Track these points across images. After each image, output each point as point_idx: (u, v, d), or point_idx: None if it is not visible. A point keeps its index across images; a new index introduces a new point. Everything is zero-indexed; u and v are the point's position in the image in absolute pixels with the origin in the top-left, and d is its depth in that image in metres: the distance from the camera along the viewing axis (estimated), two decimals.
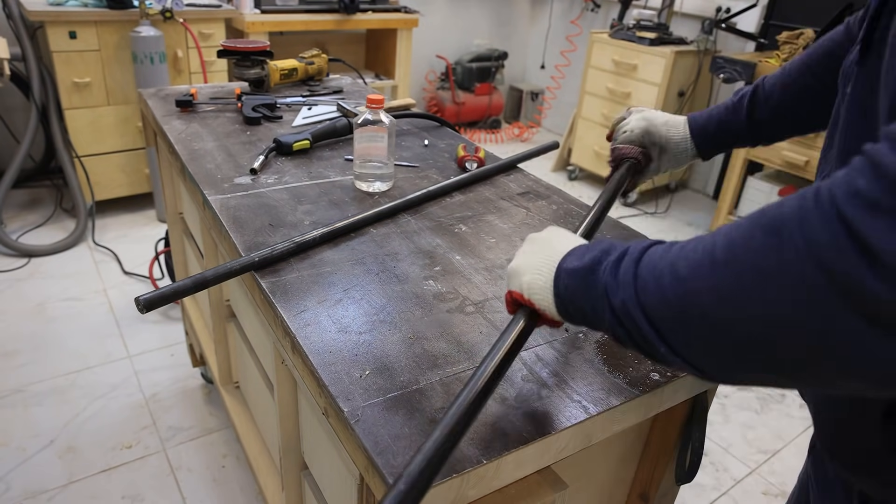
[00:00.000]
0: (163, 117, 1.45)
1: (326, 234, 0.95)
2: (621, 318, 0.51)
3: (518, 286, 0.63)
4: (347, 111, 1.47)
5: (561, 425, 0.65)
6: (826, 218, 0.37)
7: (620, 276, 0.52)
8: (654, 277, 0.49)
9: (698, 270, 0.45)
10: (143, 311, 0.79)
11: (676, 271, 0.47)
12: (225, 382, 1.57)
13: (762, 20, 3.28)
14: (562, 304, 0.59)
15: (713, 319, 0.44)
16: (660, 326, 0.48)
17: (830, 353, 0.39)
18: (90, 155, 2.79)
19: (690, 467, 0.89)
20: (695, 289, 0.45)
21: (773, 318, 0.40)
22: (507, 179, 1.27)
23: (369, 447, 0.60)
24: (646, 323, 0.49)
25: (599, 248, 0.57)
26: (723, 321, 0.43)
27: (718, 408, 2.10)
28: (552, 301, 0.60)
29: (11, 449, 1.69)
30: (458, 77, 4.41)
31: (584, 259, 0.57)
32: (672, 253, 0.49)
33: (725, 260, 0.43)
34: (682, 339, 0.47)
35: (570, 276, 0.58)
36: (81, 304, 2.33)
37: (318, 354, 0.72)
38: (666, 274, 0.48)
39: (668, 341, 0.48)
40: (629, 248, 0.54)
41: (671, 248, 0.50)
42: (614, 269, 0.53)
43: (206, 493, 1.63)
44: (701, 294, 0.45)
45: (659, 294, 0.48)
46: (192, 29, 2.75)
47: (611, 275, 0.53)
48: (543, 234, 0.66)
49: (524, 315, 0.63)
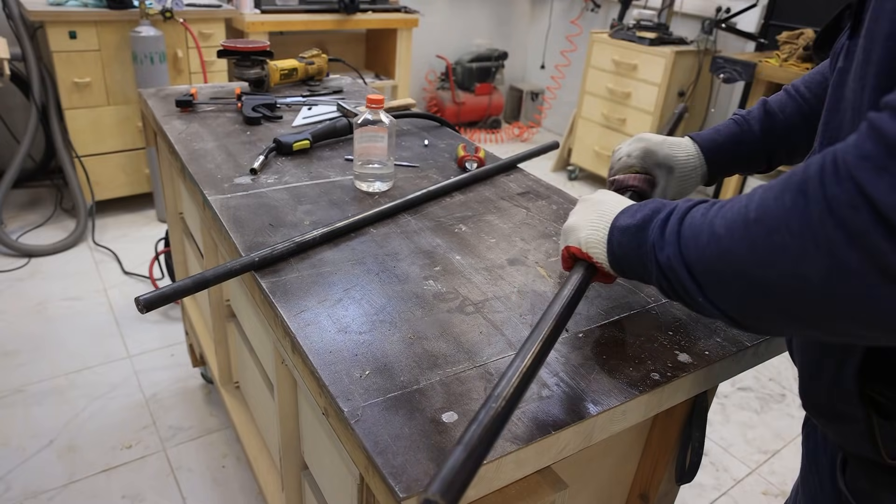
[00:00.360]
0: (163, 117, 1.45)
1: (326, 234, 0.95)
2: (665, 272, 0.57)
3: (576, 241, 0.69)
4: (347, 111, 1.47)
5: (561, 425, 0.65)
6: (841, 179, 0.41)
7: (667, 234, 0.57)
8: (694, 235, 0.54)
9: (733, 228, 0.50)
10: (143, 311, 0.79)
11: (714, 230, 0.52)
12: (225, 382, 1.57)
13: (762, 20, 3.28)
14: (615, 259, 0.65)
15: (747, 274, 0.48)
16: (700, 279, 0.54)
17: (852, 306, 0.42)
18: (90, 155, 2.79)
19: (690, 467, 0.89)
20: (730, 246, 0.50)
21: (800, 272, 0.44)
22: (507, 179, 1.27)
23: (369, 447, 0.60)
24: (687, 276, 0.55)
25: (650, 207, 0.62)
26: (755, 275, 0.48)
27: (718, 408, 2.10)
28: (606, 255, 0.66)
29: (11, 449, 1.69)
30: (458, 77, 4.41)
31: (635, 217, 0.63)
32: (711, 212, 0.54)
33: (757, 219, 0.47)
34: (719, 292, 0.52)
35: (623, 232, 0.64)
36: (81, 304, 2.33)
37: (318, 354, 0.72)
38: (705, 231, 0.53)
39: (706, 293, 0.53)
40: (677, 206, 0.59)
41: (711, 208, 0.54)
42: (662, 227, 0.58)
43: (206, 493, 1.63)
44: (735, 251, 0.49)
45: (698, 250, 0.53)
46: (192, 29, 2.75)
47: (658, 232, 0.58)
48: (596, 195, 0.72)
49: (582, 268, 0.69)
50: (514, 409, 0.54)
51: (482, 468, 0.60)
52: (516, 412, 0.66)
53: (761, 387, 2.22)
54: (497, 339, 0.77)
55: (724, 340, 0.80)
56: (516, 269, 0.93)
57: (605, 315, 0.84)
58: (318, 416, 0.91)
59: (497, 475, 0.62)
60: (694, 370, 0.75)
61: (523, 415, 0.66)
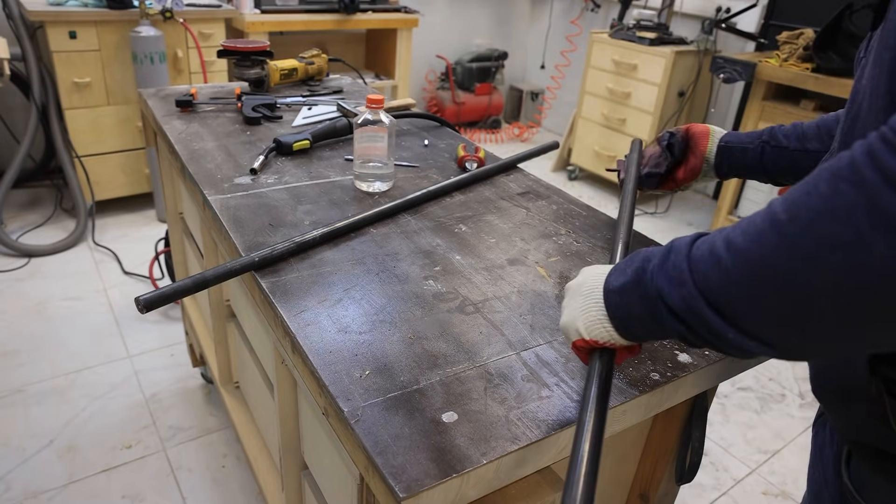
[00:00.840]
0: (163, 117, 1.45)
1: (326, 234, 0.95)
2: (681, 315, 0.50)
3: (577, 334, 0.61)
4: (347, 111, 1.47)
5: (561, 425, 0.65)
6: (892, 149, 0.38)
7: (672, 274, 0.51)
8: (711, 263, 0.48)
9: (761, 237, 0.44)
10: (143, 311, 0.79)
11: (735, 248, 0.46)
12: (225, 382, 1.57)
13: (762, 20, 3.28)
14: (621, 325, 0.58)
15: (789, 283, 0.43)
16: (724, 310, 0.47)
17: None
18: (90, 155, 2.79)
19: (690, 467, 0.89)
20: (761, 255, 0.44)
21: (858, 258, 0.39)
22: (507, 179, 1.27)
23: (369, 447, 0.60)
24: (708, 310, 0.48)
25: (639, 258, 0.56)
26: (800, 281, 0.42)
27: (718, 408, 2.10)
28: (612, 328, 0.58)
29: (11, 449, 1.69)
30: (458, 77, 4.41)
31: (626, 273, 0.56)
32: (723, 235, 0.48)
33: (791, 218, 0.43)
34: (751, 315, 0.46)
35: (619, 293, 0.57)
36: (81, 304, 2.33)
37: (318, 354, 0.72)
38: (723, 254, 0.47)
39: (736, 323, 0.47)
40: (671, 247, 0.53)
41: (718, 234, 0.49)
42: (662, 271, 0.52)
43: (206, 493, 1.63)
44: (770, 259, 0.44)
45: (719, 275, 0.47)
46: (192, 29, 2.75)
47: (661, 276, 0.52)
48: (577, 278, 0.65)
49: (597, 357, 0.61)
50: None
51: (482, 468, 0.60)
52: (516, 412, 0.66)
53: (761, 387, 2.22)
54: (497, 338, 0.77)
55: None
56: (516, 269, 0.93)
57: None
58: (318, 416, 0.91)
59: (497, 475, 0.62)
60: (694, 370, 0.75)
61: (523, 415, 0.66)
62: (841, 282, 0.40)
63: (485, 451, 0.61)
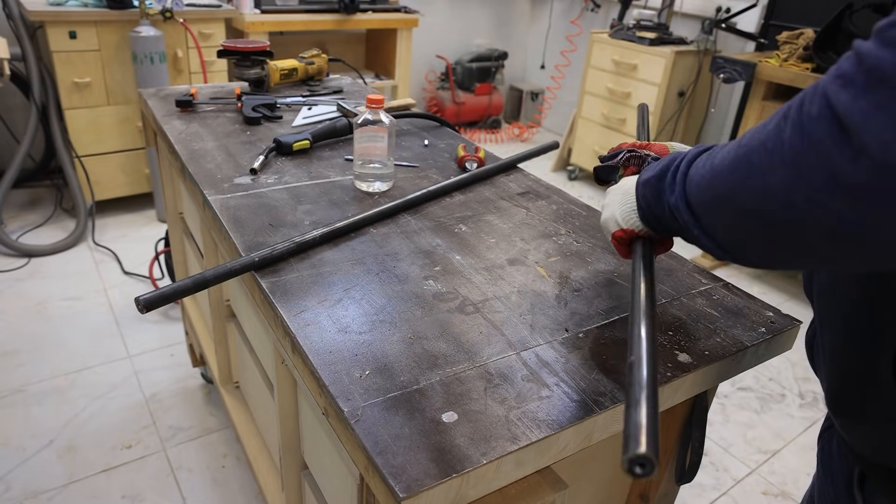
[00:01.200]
0: (163, 117, 1.45)
1: (326, 234, 0.95)
2: (674, 212, 0.61)
3: (615, 224, 0.72)
4: (347, 111, 1.47)
5: (561, 425, 0.65)
6: (816, 97, 0.43)
7: (678, 177, 0.61)
8: (697, 173, 0.58)
9: (726, 158, 0.53)
10: (143, 311, 0.79)
11: (713, 163, 0.55)
12: (225, 382, 1.57)
13: (762, 20, 3.28)
14: (644, 217, 0.68)
15: (729, 198, 0.52)
16: (696, 211, 0.58)
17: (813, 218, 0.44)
18: (90, 155, 2.79)
19: (690, 467, 0.89)
20: (720, 172, 0.53)
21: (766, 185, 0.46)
22: (507, 179, 1.27)
23: (369, 447, 0.60)
24: (687, 210, 0.59)
25: (669, 158, 0.65)
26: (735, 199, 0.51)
27: (718, 408, 2.10)
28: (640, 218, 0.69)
29: (11, 449, 1.69)
30: (458, 77, 4.41)
31: (655, 169, 0.66)
32: (715, 150, 0.57)
33: (743, 145, 0.51)
34: (709, 221, 0.57)
35: (646, 186, 0.67)
36: (81, 304, 2.33)
37: (318, 354, 0.72)
38: (707, 167, 0.56)
39: (700, 223, 0.58)
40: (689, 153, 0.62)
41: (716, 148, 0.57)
42: (674, 173, 0.62)
43: (206, 493, 1.63)
44: (722, 175, 0.53)
45: (697, 185, 0.57)
46: (192, 29, 2.75)
47: (671, 177, 0.62)
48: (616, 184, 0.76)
49: (637, 245, 0.71)
50: (657, 369, 0.58)
51: (482, 468, 0.60)
52: (516, 412, 0.66)
53: (761, 387, 2.22)
54: (497, 339, 0.77)
55: (724, 340, 0.80)
56: (516, 269, 0.93)
57: (605, 315, 0.84)
58: (318, 416, 0.91)
59: (497, 475, 0.62)
60: (694, 370, 0.75)
61: (523, 415, 0.66)
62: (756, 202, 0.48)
63: (485, 451, 0.61)
